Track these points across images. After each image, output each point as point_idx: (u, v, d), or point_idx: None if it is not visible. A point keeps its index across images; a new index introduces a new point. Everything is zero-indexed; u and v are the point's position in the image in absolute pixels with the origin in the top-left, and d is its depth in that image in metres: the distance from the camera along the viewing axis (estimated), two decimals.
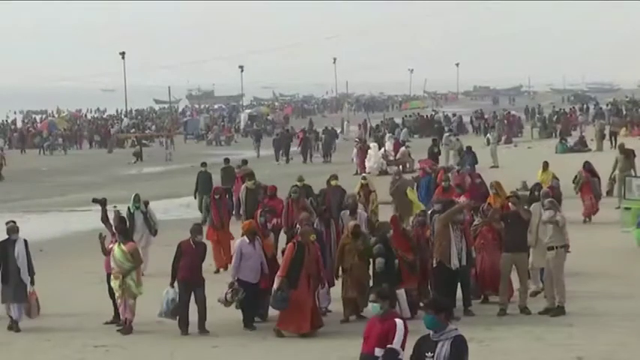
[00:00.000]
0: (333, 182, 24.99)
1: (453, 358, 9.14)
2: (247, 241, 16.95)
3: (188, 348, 16.10)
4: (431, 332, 9.29)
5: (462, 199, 20.68)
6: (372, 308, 10.21)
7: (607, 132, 55.58)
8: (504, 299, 17.51)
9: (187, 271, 16.61)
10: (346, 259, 17.12)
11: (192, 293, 16.67)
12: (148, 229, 22.76)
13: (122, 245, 17.10)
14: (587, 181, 27.97)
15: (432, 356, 9.18)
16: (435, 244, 17.39)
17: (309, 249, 16.39)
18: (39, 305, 17.47)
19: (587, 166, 28.65)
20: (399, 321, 10.08)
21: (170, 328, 16.93)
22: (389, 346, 10.00)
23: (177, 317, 16.76)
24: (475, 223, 18.54)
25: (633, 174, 28.88)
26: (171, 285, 16.74)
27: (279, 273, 16.29)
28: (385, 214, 23.58)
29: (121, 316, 17.15)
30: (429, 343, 9.28)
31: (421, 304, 16.64)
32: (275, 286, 16.22)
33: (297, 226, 18.36)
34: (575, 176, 28.55)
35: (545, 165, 28.41)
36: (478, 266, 18.18)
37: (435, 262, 17.29)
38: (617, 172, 30.03)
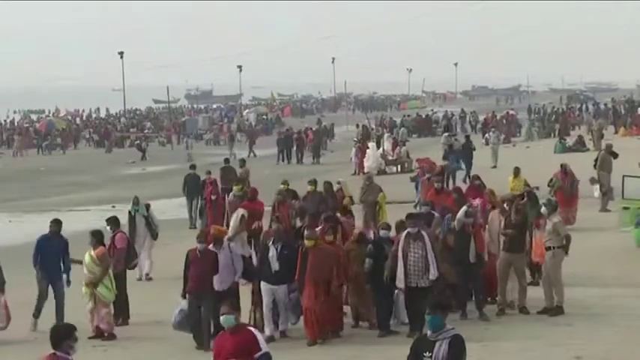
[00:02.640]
0: (310, 187, 23.79)
1: (452, 358, 9.15)
2: (212, 247, 16.33)
3: (187, 349, 16.07)
4: (429, 332, 9.30)
5: (476, 203, 19.54)
6: (225, 320, 9.97)
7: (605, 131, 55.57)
8: (503, 299, 17.52)
9: (194, 282, 15.90)
10: (351, 266, 16.44)
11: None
12: (150, 233, 22.31)
13: (92, 250, 16.91)
14: (563, 185, 27.39)
15: (431, 356, 9.18)
16: None
17: (315, 254, 15.81)
18: (9, 315, 17.13)
19: (564, 169, 27.62)
20: (254, 329, 9.98)
21: (169, 328, 16.91)
22: (261, 352, 9.80)
23: (190, 330, 16.00)
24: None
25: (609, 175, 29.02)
26: (183, 296, 16.02)
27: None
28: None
29: (92, 326, 16.83)
30: (427, 342, 9.28)
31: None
32: None
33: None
34: (551, 179, 27.78)
35: (517, 171, 27.18)
36: None
37: None
38: (602, 172, 29.73)
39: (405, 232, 16.00)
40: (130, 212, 22.46)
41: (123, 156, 63.37)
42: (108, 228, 18.65)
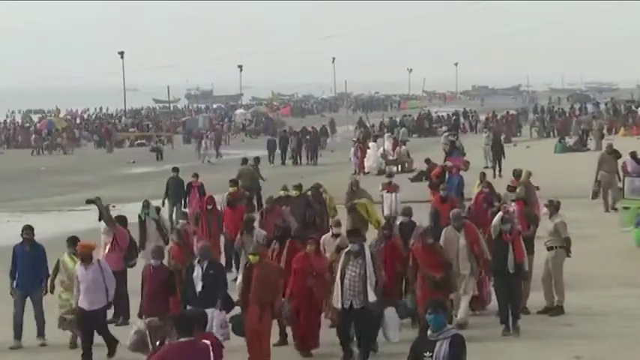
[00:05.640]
0: (294, 192, 22.61)
1: (452, 358, 9.17)
2: (80, 263, 15.50)
3: None
4: (429, 332, 9.32)
5: (512, 208, 18.30)
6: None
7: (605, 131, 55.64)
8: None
9: (145, 301, 14.96)
10: (334, 278, 15.00)
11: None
12: (161, 237, 20.99)
13: (74, 255, 16.16)
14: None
15: (431, 356, 9.20)
16: None
17: (259, 271, 14.60)
18: None
19: (516, 175, 25.12)
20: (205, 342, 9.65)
21: None
22: None
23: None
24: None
25: (617, 176, 28.58)
26: (139, 315, 15.09)
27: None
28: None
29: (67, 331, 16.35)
30: (427, 342, 9.30)
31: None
32: None
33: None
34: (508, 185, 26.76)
35: (482, 176, 25.80)
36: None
37: None
38: (603, 172, 29.24)
39: (346, 249, 14.90)
40: (139, 216, 21.48)
41: (123, 156, 63.29)
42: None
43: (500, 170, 39.88)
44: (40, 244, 17.20)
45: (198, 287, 14.60)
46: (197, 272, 14.73)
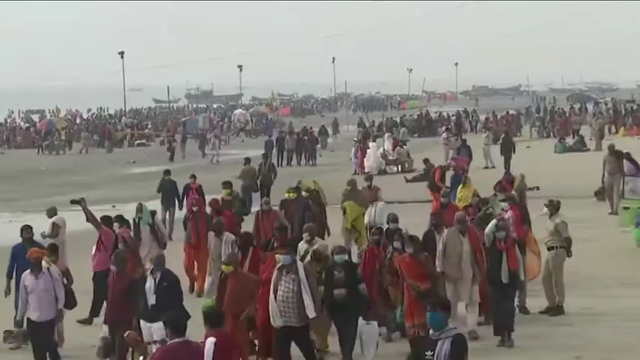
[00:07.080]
0: (292, 195, 21.80)
1: (454, 357, 9.18)
2: (29, 272, 14.91)
3: None
4: (431, 331, 9.33)
5: (508, 215, 17.78)
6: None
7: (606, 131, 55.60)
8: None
9: (108, 309, 14.56)
10: None
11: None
12: (156, 242, 20.13)
13: (52, 264, 15.50)
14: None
15: (432, 355, 9.20)
16: None
17: (232, 283, 14.00)
18: None
19: (508, 178, 24.33)
20: (209, 339, 9.51)
21: None
22: None
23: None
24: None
25: (621, 176, 28.36)
26: (105, 322, 14.72)
27: None
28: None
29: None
30: (429, 341, 9.31)
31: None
32: None
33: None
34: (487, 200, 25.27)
35: (466, 180, 25.07)
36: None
37: None
38: (606, 174, 28.84)
39: (279, 264, 13.98)
40: (134, 220, 20.81)
41: (123, 156, 63.26)
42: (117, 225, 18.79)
43: (509, 167, 39.56)
44: (36, 243, 17.27)
45: (152, 300, 13.71)
46: (149, 284, 13.83)
